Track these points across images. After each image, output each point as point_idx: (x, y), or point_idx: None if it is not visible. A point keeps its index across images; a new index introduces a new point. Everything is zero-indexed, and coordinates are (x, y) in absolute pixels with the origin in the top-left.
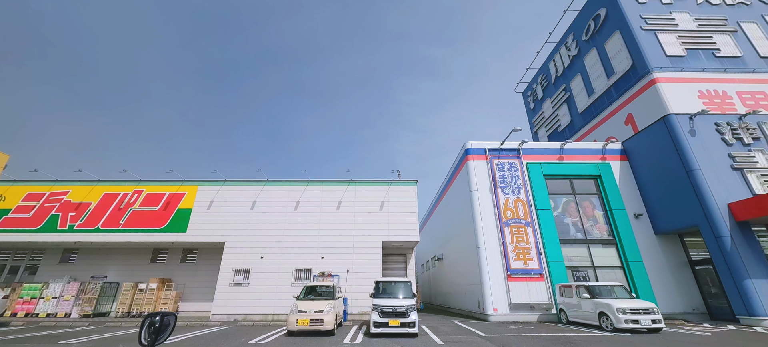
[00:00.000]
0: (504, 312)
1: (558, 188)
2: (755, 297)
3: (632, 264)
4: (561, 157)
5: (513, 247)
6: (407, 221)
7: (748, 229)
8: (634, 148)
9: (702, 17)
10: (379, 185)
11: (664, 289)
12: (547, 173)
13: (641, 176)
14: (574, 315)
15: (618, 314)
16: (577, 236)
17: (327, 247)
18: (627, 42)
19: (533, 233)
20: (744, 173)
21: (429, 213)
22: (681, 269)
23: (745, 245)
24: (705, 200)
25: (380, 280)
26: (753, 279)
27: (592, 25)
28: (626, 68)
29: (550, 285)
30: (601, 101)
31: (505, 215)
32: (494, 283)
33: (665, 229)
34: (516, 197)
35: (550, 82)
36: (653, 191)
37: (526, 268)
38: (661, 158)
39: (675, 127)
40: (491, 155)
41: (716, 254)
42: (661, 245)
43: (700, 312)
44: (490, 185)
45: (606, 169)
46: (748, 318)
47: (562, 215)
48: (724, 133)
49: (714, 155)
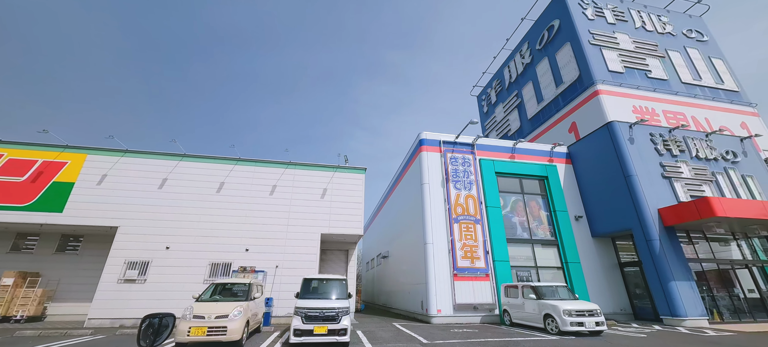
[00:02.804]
0: (448, 313)
1: (508, 187)
2: (678, 299)
3: (571, 264)
4: (513, 156)
5: (461, 245)
6: (352, 213)
7: (673, 234)
8: (578, 152)
9: (639, 40)
10: (323, 170)
11: (597, 290)
12: (499, 170)
13: (583, 180)
14: (518, 316)
15: (564, 316)
16: (523, 236)
17: (254, 238)
18: (576, 54)
19: (482, 231)
20: (672, 182)
21: (377, 210)
22: (612, 271)
23: (670, 249)
24: (639, 205)
25: (310, 277)
26: (677, 281)
27: (545, 35)
28: (573, 79)
29: (494, 284)
30: (548, 108)
31: (456, 210)
32: (440, 282)
33: (601, 232)
34: (467, 192)
35: (503, 87)
36: (593, 194)
37: (473, 267)
38: (602, 162)
39: (617, 133)
40: (445, 147)
41: (646, 256)
42: (597, 248)
43: (627, 312)
44: (442, 179)
45: (552, 171)
46: (671, 318)
47: (510, 214)
48: (657, 143)
49: (648, 163)
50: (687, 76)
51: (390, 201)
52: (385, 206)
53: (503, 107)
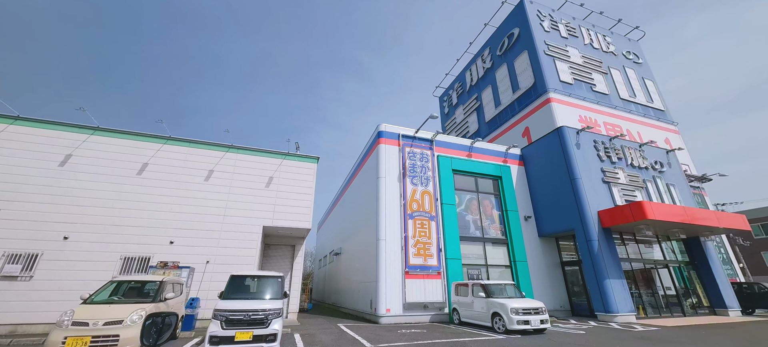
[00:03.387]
0: (397, 312)
1: (464, 185)
2: (611, 296)
3: (519, 263)
4: (470, 154)
5: (414, 242)
6: (300, 205)
7: (610, 235)
8: (530, 155)
9: (586, 56)
10: (270, 156)
11: (541, 287)
12: (456, 168)
13: (533, 182)
14: (467, 314)
15: (511, 314)
16: (476, 235)
17: (182, 229)
18: (532, 62)
19: (436, 228)
20: (610, 186)
21: (332, 205)
22: (554, 269)
23: (607, 249)
24: (582, 207)
25: (238, 274)
26: (611, 279)
27: (506, 42)
28: (529, 85)
29: (445, 283)
30: (505, 112)
31: (411, 206)
32: (391, 280)
33: (547, 232)
34: (424, 188)
35: (464, 90)
36: (541, 196)
37: (425, 265)
38: (551, 165)
39: (566, 138)
40: (404, 141)
41: (585, 256)
42: (542, 247)
43: (565, 308)
44: (399, 173)
45: (506, 172)
46: (605, 314)
47: (464, 212)
48: (599, 150)
49: (591, 168)
50: (625, 93)
51: (346, 196)
52: (341, 201)
53: (463, 109)
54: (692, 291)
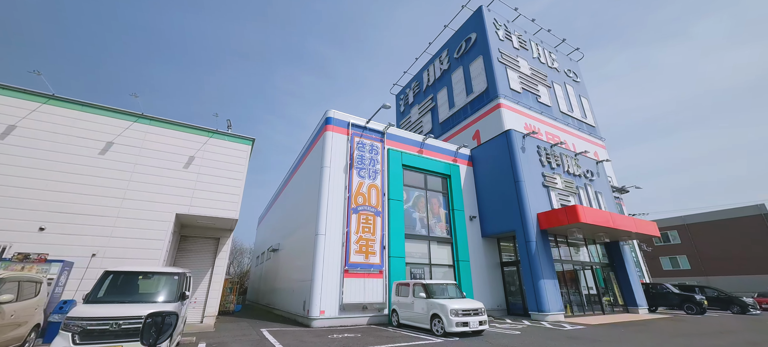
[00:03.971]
0: (332, 314)
1: (413, 181)
2: (545, 296)
3: (461, 263)
4: (421, 150)
5: (357, 238)
6: (227, 191)
7: (546, 237)
8: (479, 155)
9: (534, 68)
10: (192, 132)
11: (481, 287)
12: (407, 163)
13: (480, 182)
14: (406, 316)
15: (451, 316)
16: (422, 233)
17: (59, 212)
18: (486, 67)
19: (382, 224)
20: (549, 191)
21: (273, 199)
22: (494, 269)
23: (543, 251)
24: (524, 209)
25: (115, 271)
26: (545, 280)
27: (463, 45)
28: (482, 90)
29: (387, 282)
30: (458, 114)
31: (356, 200)
32: (328, 279)
33: (490, 232)
34: (371, 182)
35: (421, 90)
36: (487, 197)
37: (367, 263)
38: (498, 167)
39: (513, 141)
40: (354, 131)
41: (524, 256)
42: (484, 247)
43: (502, 308)
44: (346, 164)
45: (455, 171)
46: (538, 313)
47: (411, 209)
48: (541, 156)
49: (533, 172)
50: (564, 107)
51: (288, 187)
52: (283, 193)
53: (418, 109)
54: (610, 291)
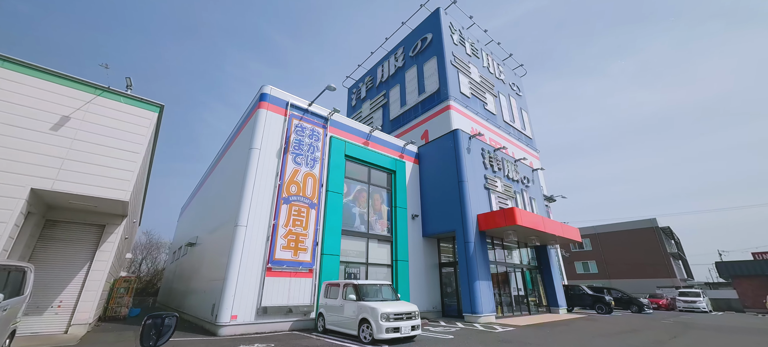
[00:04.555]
0: (247, 319)
1: (356, 174)
2: (479, 297)
3: (400, 263)
4: (367, 142)
5: (285, 231)
6: (115, 166)
7: (484, 238)
8: (425, 153)
9: (483, 77)
10: (68, 84)
11: (418, 288)
12: (350, 154)
13: (425, 180)
14: (334, 321)
15: (381, 321)
16: (361, 229)
17: None
18: (439, 69)
19: (316, 217)
20: (490, 193)
21: (198, 188)
22: (432, 270)
23: (480, 252)
24: (465, 209)
25: None
26: (481, 281)
27: (419, 44)
28: (433, 90)
29: (317, 282)
30: (409, 113)
31: (289, 189)
32: (246, 278)
33: (431, 232)
34: (308, 170)
35: (374, 85)
36: (430, 196)
37: (296, 260)
38: (443, 166)
39: (459, 140)
40: (293, 112)
41: (462, 257)
42: (424, 247)
43: (437, 309)
44: (280, 148)
45: (401, 167)
46: (471, 315)
47: (352, 204)
48: (485, 158)
49: (477, 173)
50: (507, 117)
51: (214, 174)
52: (208, 181)
53: (370, 104)
54: (536, 292)
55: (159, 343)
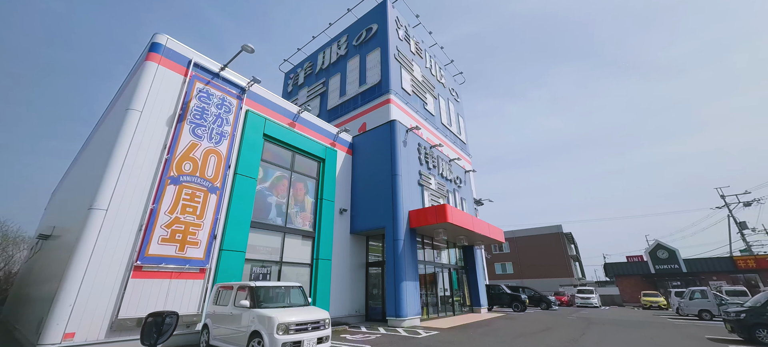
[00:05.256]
0: (92, 338)
1: (276, 158)
2: (405, 299)
3: (322, 261)
4: (293, 124)
5: (169, 220)
6: None
7: (414, 236)
8: (360, 144)
9: (425, 77)
10: None
11: (341, 290)
12: (271, 134)
13: (357, 173)
14: (220, 334)
15: (277, 334)
16: (277, 222)
17: None
18: (382, 61)
19: (218, 204)
20: (423, 190)
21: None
22: (358, 270)
23: (410, 251)
24: (397, 204)
25: None
26: (407, 282)
27: (364, 34)
28: (375, 82)
29: (210, 286)
30: (348, 104)
31: (182, 167)
32: (97, 281)
33: (360, 229)
34: (211, 146)
35: (313, 72)
36: (362, 189)
37: (182, 256)
38: (377, 158)
39: (396, 132)
40: (197, 73)
41: (390, 256)
42: (351, 245)
43: (360, 313)
44: (174, 115)
45: (332, 155)
46: (395, 319)
47: (267, 192)
48: (421, 154)
49: (411, 168)
50: (445, 120)
51: (88, 149)
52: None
53: (308, 92)
54: (461, 292)
55: (159, 341)
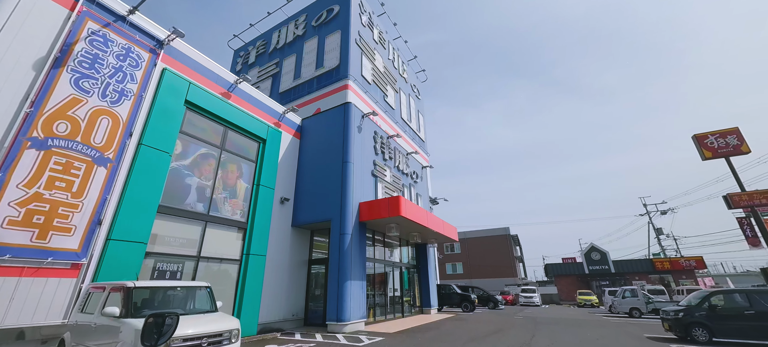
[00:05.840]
0: None
1: (201, 132)
2: (348, 301)
3: (254, 257)
4: (228, 94)
5: (26, 195)
6: None
7: (364, 232)
8: (310, 127)
9: (387, 68)
10: None
11: (277, 291)
12: (196, 102)
13: (305, 159)
14: None
15: None
16: (197, 209)
17: None
18: (343, 44)
19: (109, 181)
20: (377, 181)
21: None
22: (299, 269)
23: (357, 246)
24: (346, 194)
25: None
26: (353, 281)
27: (324, 14)
28: (333, 66)
29: (84, 284)
30: (302, 87)
31: (52, 127)
32: None
33: (304, 221)
34: (104, 105)
35: (267, 51)
36: (309, 177)
37: (42, 246)
38: (329, 143)
39: (351, 116)
40: (92, 9)
41: (335, 252)
42: (293, 240)
43: (299, 317)
44: (47, 56)
45: (275, 137)
46: (336, 323)
47: (186, 171)
48: (377, 143)
49: (365, 156)
50: (405, 115)
51: None
52: None
53: (259, 72)
54: (411, 292)
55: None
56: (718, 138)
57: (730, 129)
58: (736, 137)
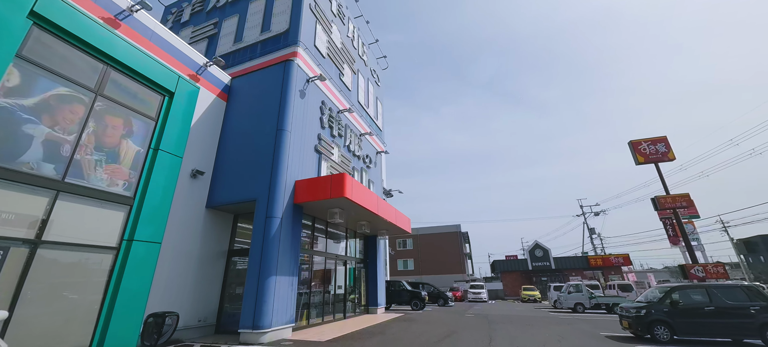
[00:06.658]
0: None
1: (61, 64)
2: (270, 303)
3: (140, 244)
4: (116, 22)
5: None
6: None
7: (300, 217)
8: (242, 88)
9: (346, 46)
10: None
11: (177, 291)
12: (52, 18)
13: (231, 125)
14: None
15: None
16: (43, 170)
17: None
18: (293, 7)
19: None
20: (321, 159)
21: None
22: (215, 261)
23: (288, 234)
24: (278, 168)
25: None
26: (279, 277)
27: None
28: (281, 31)
29: None
30: (243, 53)
31: None
32: None
33: (223, 201)
34: None
35: (204, 9)
36: (235, 148)
37: None
38: (261, 106)
39: (292, 76)
40: None
41: (257, 239)
42: (207, 224)
43: (209, 323)
44: None
45: (189, 92)
46: (252, 332)
47: (28, 115)
48: (324, 114)
49: (308, 128)
50: (362, 99)
51: None
52: None
53: (192, 32)
54: (357, 290)
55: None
56: (650, 145)
57: (660, 137)
58: (664, 144)
